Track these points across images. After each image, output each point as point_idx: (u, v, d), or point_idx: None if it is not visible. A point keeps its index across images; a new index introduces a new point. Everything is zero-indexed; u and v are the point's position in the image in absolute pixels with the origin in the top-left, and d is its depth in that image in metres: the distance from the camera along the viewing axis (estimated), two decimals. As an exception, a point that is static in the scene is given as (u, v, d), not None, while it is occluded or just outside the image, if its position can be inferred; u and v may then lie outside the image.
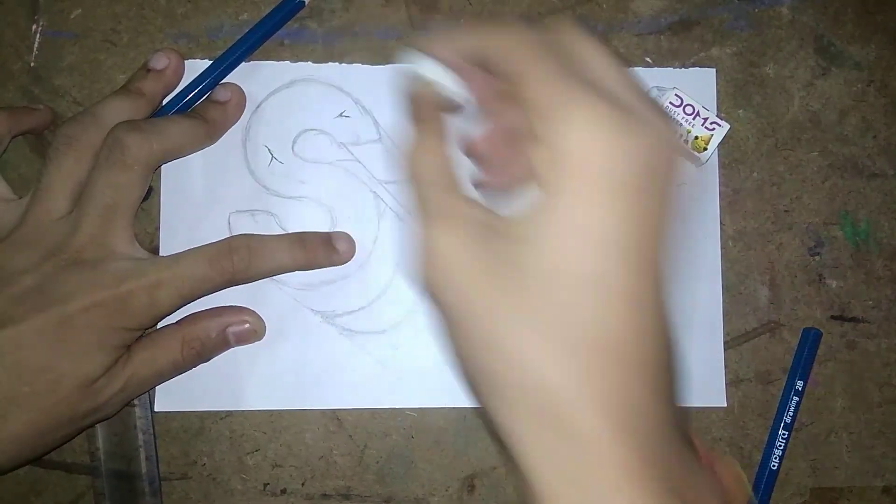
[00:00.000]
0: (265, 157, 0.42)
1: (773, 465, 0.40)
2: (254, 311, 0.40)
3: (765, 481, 0.40)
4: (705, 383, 0.41)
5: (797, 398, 0.41)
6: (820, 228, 0.42)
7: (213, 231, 0.41)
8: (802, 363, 0.41)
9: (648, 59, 0.42)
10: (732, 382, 0.42)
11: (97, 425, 0.40)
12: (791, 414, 0.41)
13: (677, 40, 0.43)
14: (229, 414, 0.41)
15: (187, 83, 0.41)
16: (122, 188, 0.36)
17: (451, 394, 0.41)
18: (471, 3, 0.42)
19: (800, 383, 0.41)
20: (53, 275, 0.35)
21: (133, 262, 0.36)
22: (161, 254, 0.41)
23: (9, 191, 0.39)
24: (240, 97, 0.41)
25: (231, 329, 0.40)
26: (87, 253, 0.35)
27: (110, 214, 0.36)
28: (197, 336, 0.39)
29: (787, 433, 0.41)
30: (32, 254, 0.35)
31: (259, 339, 0.41)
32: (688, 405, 0.41)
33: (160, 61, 0.40)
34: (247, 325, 0.40)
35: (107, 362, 0.36)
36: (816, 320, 0.42)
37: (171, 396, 0.40)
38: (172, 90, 0.41)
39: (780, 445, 0.41)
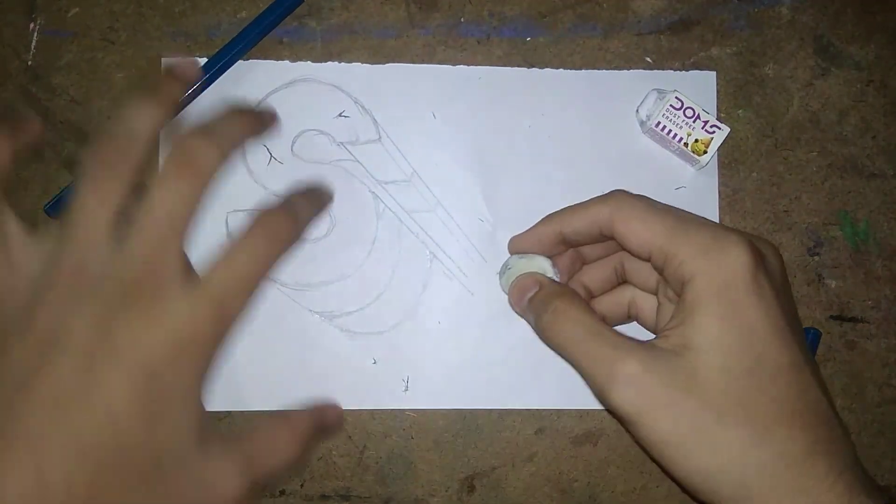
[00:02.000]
0: (264, 156, 0.41)
1: (773, 466, 0.40)
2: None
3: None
4: None
5: (797, 398, 0.41)
6: (819, 228, 0.42)
7: (211, 231, 0.41)
8: None
9: (648, 59, 0.42)
10: (732, 382, 0.42)
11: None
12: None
13: (677, 40, 0.43)
14: (228, 414, 0.41)
15: None
16: (187, 204, 0.30)
17: (451, 396, 0.41)
18: (470, 2, 0.42)
19: None
20: (113, 321, 0.28)
21: (193, 286, 0.30)
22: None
23: (23, 228, 0.32)
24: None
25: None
26: (145, 286, 0.29)
27: (168, 236, 0.30)
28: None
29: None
30: (81, 299, 0.29)
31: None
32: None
33: (179, 63, 0.37)
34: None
35: (194, 422, 0.30)
36: (816, 320, 0.42)
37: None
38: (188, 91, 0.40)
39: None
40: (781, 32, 0.43)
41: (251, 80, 0.41)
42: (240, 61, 0.41)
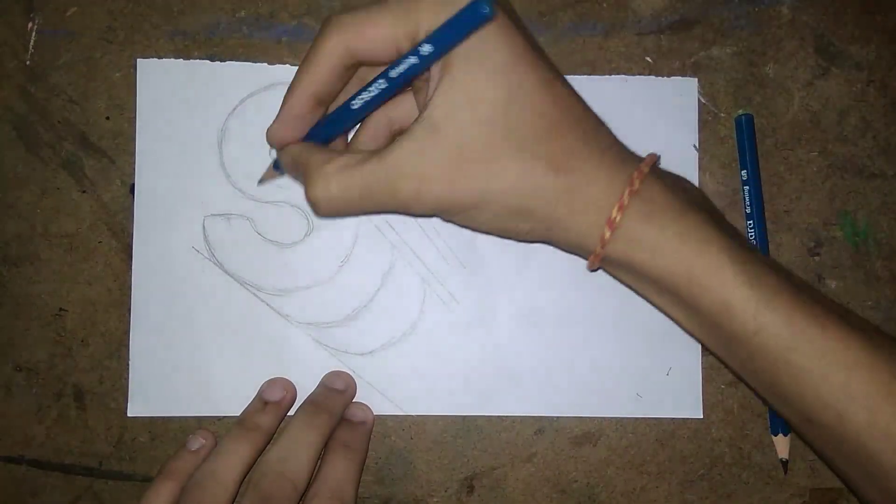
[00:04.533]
0: (242, 160, 0.41)
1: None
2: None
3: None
4: (682, 394, 0.41)
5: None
6: (820, 228, 0.42)
7: (188, 234, 0.41)
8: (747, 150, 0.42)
9: (649, 59, 0.42)
10: (732, 383, 0.41)
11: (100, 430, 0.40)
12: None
13: (677, 40, 0.42)
14: (226, 415, 0.40)
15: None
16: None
17: (438, 405, 0.41)
18: (470, 2, 0.42)
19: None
20: None
21: None
22: (134, 256, 0.40)
23: None
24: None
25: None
26: None
27: None
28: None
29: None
30: None
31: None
32: (665, 416, 0.41)
33: (276, 392, 0.39)
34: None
35: None
36: (816, 320, 0.42)
37: (145, 401, 0.40)
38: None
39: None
40: (782, 32, 0.43)
41: (230, 82, 0.41)
42: (217, 63, 0.41)
